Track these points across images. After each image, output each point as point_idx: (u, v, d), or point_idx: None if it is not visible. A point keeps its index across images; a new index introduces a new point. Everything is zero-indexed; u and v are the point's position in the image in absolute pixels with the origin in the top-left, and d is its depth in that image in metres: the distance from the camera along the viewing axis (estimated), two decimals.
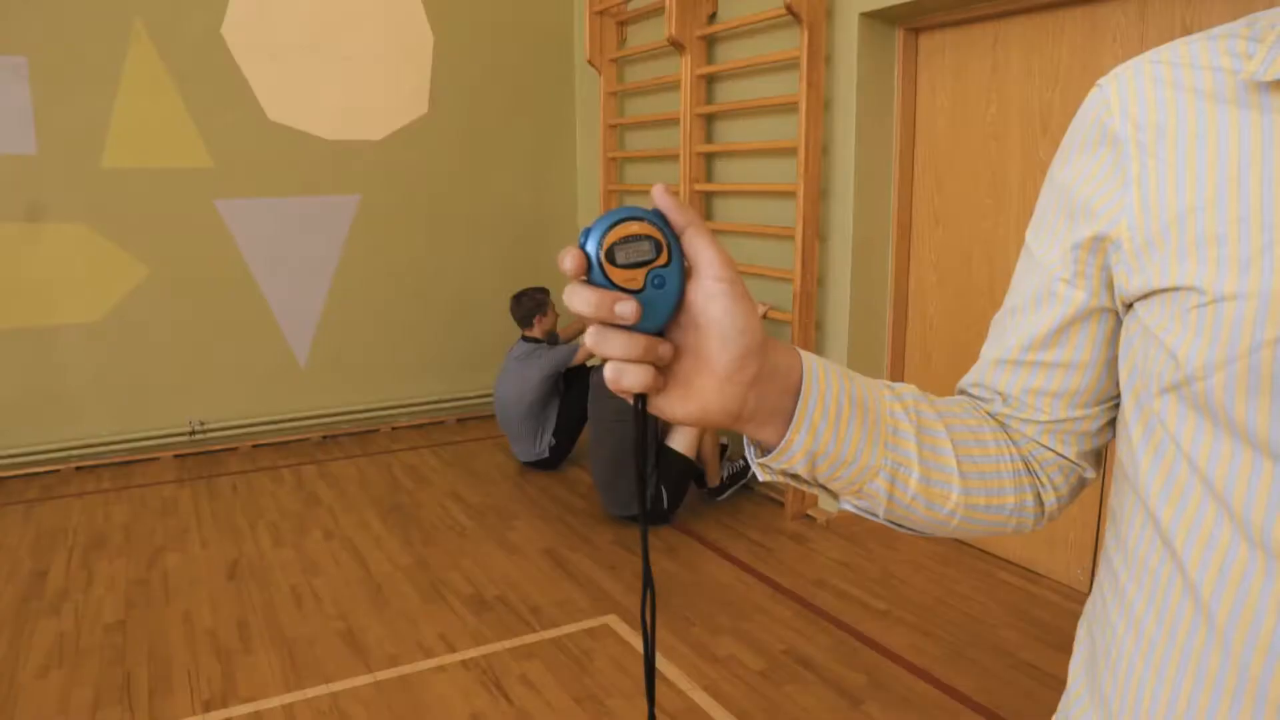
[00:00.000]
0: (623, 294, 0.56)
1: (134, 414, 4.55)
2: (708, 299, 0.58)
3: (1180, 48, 0.66)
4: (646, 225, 0.57)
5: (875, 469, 0.67)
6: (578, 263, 0.56)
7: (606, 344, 0.57)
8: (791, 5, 3.42)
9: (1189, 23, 2.73)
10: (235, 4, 4.50)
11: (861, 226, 3.60)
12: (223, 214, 4.61)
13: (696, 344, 0.59)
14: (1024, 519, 0.75)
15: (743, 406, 0.61)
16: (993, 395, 0.77)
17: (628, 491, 3.69)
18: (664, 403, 0.60)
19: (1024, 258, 0.76)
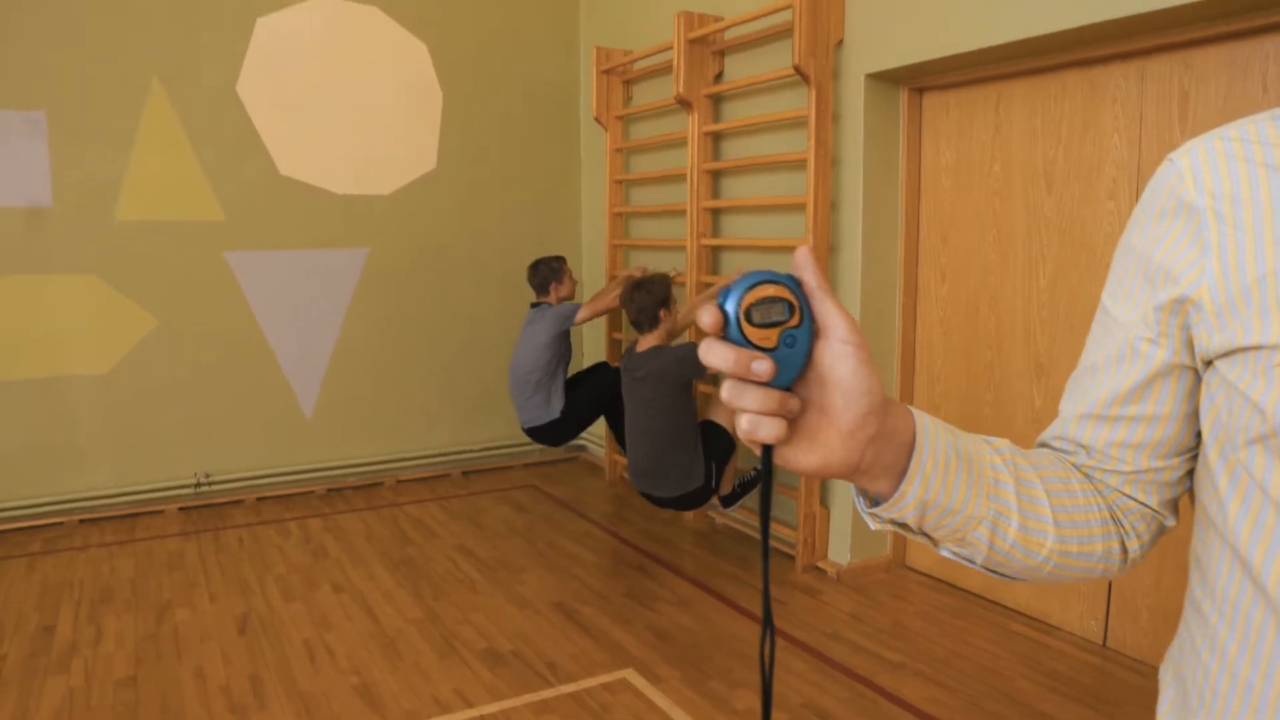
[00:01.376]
0: (759, 352, 0.60)
1: (139, 466, 4.54)
2: (836, 359, 0.62)
3: (1249, 126, 0.71)
4: (781, 288, 0.61)
5: (979, 518, 0.72)
6: (717, 320, 0.60)
7: (743, 398, 0.60)
8: (800, 67, 3.52)
9: (1186, 86, 2.83)
10: (250, 62, 4.59)
11: (869, 281, 3.66)
12: (232, 266, 4.65)
13: (822, 400, 0.63)
14: (1110, 564, 0.79)
15: (861, 459, 0.65)
16: (1076, 448, 0.81)
17: (671, 474, 3.63)
18: (790, 453, 0.64)
19: (1101, 319, 0.80)
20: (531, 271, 4.50)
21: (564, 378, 4.42)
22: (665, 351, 3.64)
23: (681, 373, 3.57)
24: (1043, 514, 0.75)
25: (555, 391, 4.38)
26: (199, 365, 4.62)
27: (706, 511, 4.43)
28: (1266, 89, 2.65)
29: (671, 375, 3.57)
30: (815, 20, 3.52)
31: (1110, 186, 3.04)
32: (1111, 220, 3.04)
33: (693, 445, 3.64)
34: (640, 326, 3.72)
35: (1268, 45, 2.63)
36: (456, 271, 5.22)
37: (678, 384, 3.58)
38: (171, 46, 4.41)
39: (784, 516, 4.03)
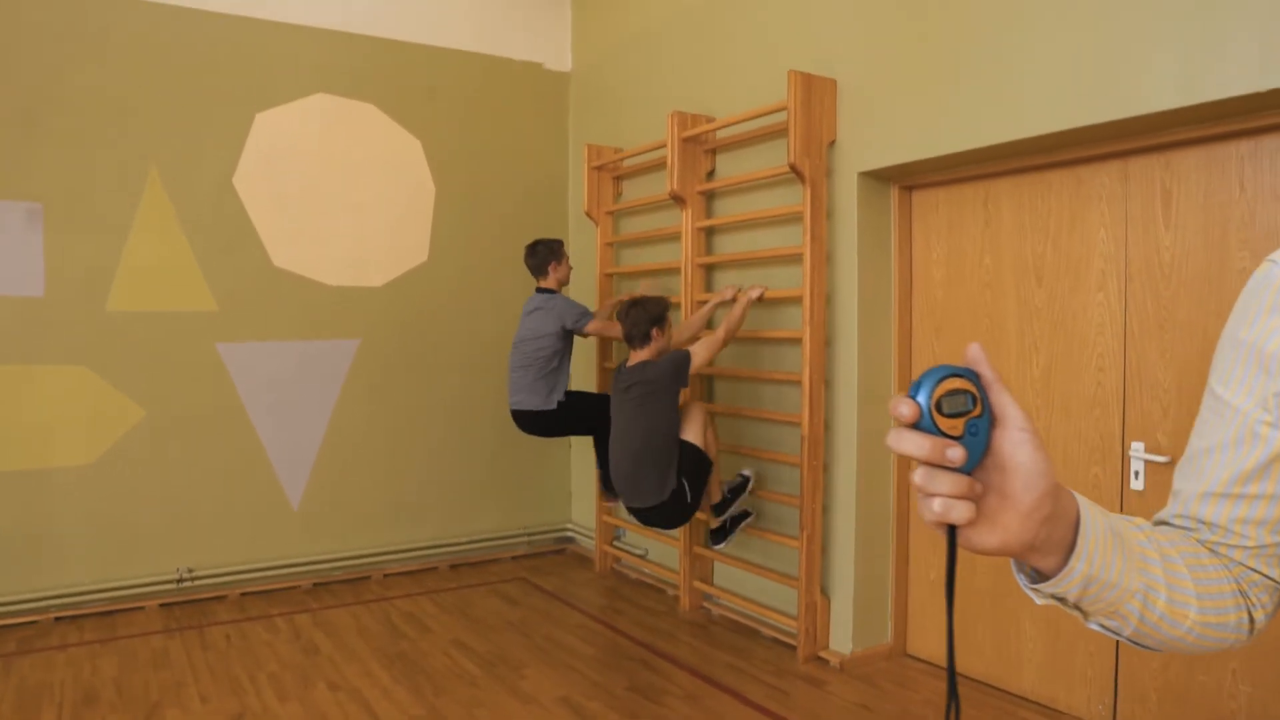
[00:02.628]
0: (950, 440, 0.66)
1: (120, 561, 4.42)
2: (1015, 446, 0.68)
3: None
4: (964, 381, 0.68)
5: (1132, 591, 0.77)
6: (915, 412, 0.66)
7: (936, 483, 0.66)
8: (796, 165, 3.66)
9: (1168, 185, 2.99)
10: (248, 155, 4.66)
11: (865, 372, 3.75)
12: (223, 357, 4.63)
13: (1001, 484, 0.69)
14: (1240, 635, 0.84)
15: (1036, 538, 0.71)
16: (1199, 525, 0.87)
17: (648, 483, 3.73)
18: (972, 534, 0.70)
19: (1214, 406, 0.87)
20: (530, 252, 4.49)
21: (567, 373, 4.45)
22: (652, 364, 3.80)
23: (666, 384, 3.74)
24: (1186, 587, 0.80)
25: (560, 384, 4.40)
26: (185, 457, 4.55)
27: (702, 605, 4.40)
28: (1243, 187, 2.81)
29: (657, 386, 3.74)
30: (809, 122, 3.68)
31: (1099, 279, 3.17)
32: (1101, 311, 3.16)
33: (669, 456, 3.76)
34: (633, 342, 3.86)
35: (1242, 147, 2.81)
36: (446, 363, 5.24)
37: (662, 394, 3.74)
38: (171, 138, 4.48)
39: (784, 606, 4.02)
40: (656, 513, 3.81)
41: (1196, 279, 2.91)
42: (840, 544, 3.79)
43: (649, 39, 4.92)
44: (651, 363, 3.81)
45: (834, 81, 3.75)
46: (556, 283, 4.50)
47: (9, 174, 4.16)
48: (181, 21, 4.48)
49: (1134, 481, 3.06)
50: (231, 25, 4.60)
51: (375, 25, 5.00)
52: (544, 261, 4.48)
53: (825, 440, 3.82)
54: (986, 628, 3.54)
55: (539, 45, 5.55)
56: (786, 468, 4.00)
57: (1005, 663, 3.48)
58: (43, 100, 4.21)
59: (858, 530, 3.74)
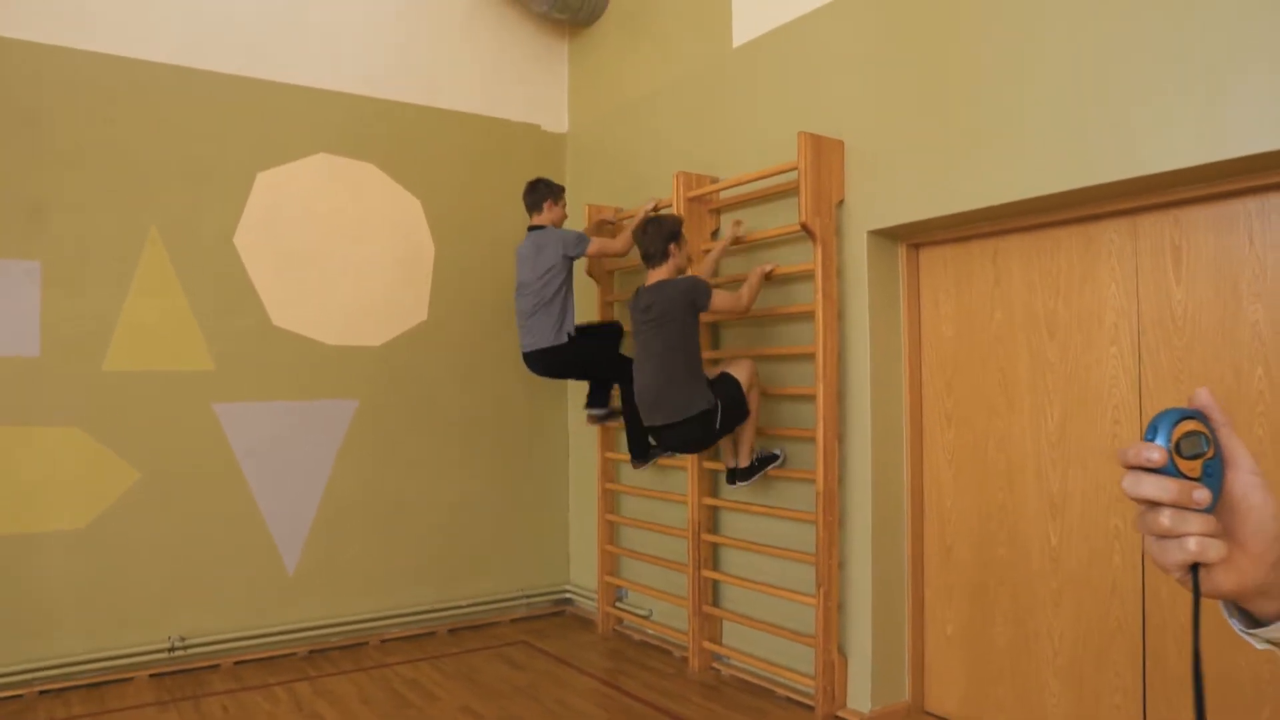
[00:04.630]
0: (1195, 482, 0.67)
1: (110, 630, 4.26)
2: (1248, 489, 0.69)
3: None
4: (1197, 423, 0.68)
5: None
6: (1163, 456, 0.67)
7: (1186, 524, 0.67)
8: (807, 224, 3.72)
9: (1176, 240, 3.07)
10: (249, 214, 4.64)
11: (878, 426, 3.76)
12: (220, 417, 4.54)
13: (1232, 526, 0.70)
14: None
15: (1267, 581, 0.71)
16: None
17: (676, 398, 3.75)
18: (1211, 574, 0.70)
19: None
20: (530, 189, 4.53)
21: (572, 306, 4.44)
22: (669, 283, 3.83)
23: (687, 300, 3.77)
24: None
25: (568, 318, 4.40)
26: (180, 520, 4.43)
27: (711, 665, 4.33)
28: (1252, 242, 2.90)
29: (677, 304, 3.76)
30: (819, 182, 3.75)
31: (1112, 333, 3.23)
32: (1116, 364, 3.22)
33: (694, 372, 3.78)
34: (651, 260, 3.91)
35: (1250, 205, 2.90)
36: (444, 423, 5.19)
37: (683, 311, 3.77)
38: (172, 196, 4.45)
39: (798, 665, 3.97)
40: (680, 430, 3.79)
41: (1210, 332, 2.98)
42: (857, 600, 3.77)
43: (646, 101, 5.00)
44: (669, 281, 3.85)
45: (841, 142, 3.83)
46: (550, 221, 4.53)
47: (7, 232, 4.09)
48: (184, 81, 4.49)
49: None
50: (233, 85, 4.62)
51: (375, 86, 5.04)
52: (542, 199, 4.52)
53: (840, 495, 3.82)
54: (1008, 683, 3.52)
55: (536, 107, 5.62)
56: (798, 524, 3.98)
57: (1028, 717, 3.46)
58: (43, 158, 4.17)
59: (874, 586, 3.72)
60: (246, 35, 4.66)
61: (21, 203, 4.12)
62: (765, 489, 4.21)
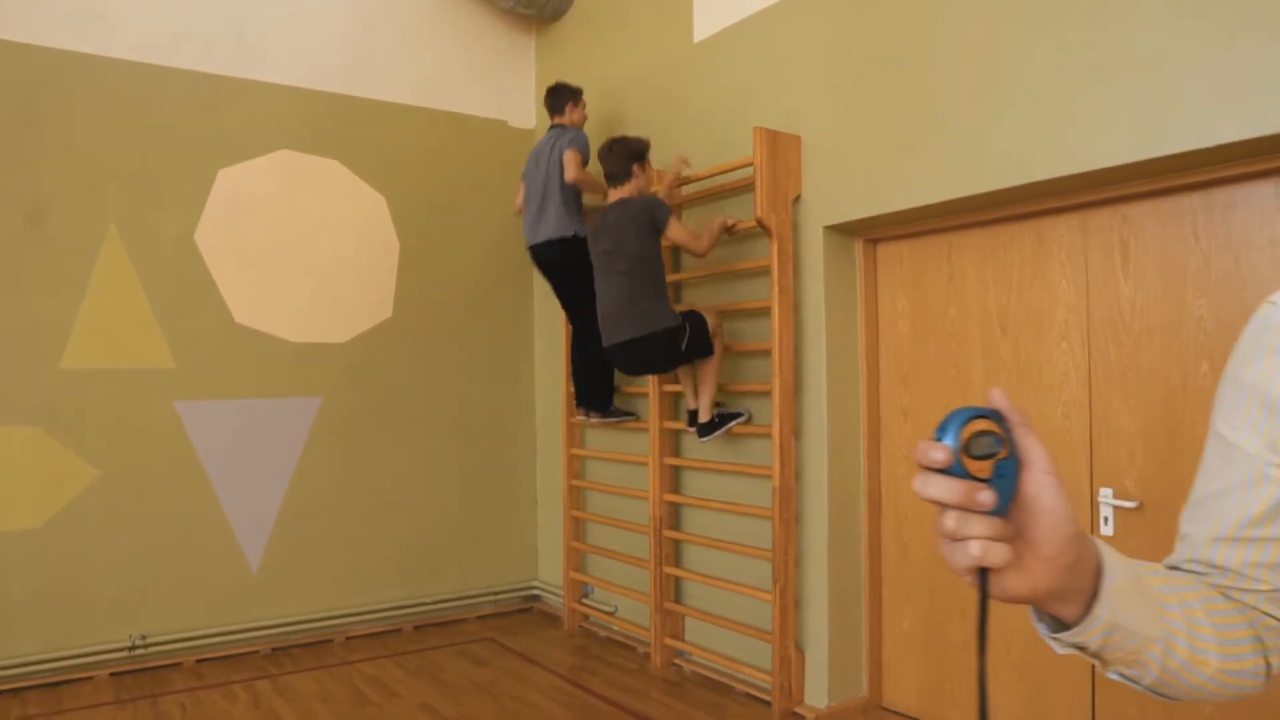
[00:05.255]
0: (980, 483, 0.64)
1: (68, 629, 4.24)
2: (1041, 489, 0.67)
3: None
4: (990, 422, 0.66)
5: (1153, 639, 0.75)
6: (948, 456, 0.64)
7: (969, 526, 0.64)
8: (763, 220, 3.71)
9: (1125, 236, 3.07)
10: (209, 212, 4.61)
11: (835, 423, 3.76)
12: (181, 415, 4.52)
13: (1026, 528, 0.67)
14: (1256, 681, 0.82)
15: (1061, 585, 0.69)
16: (1210, 569, 0.86)
17: (639, 309, 3.78)
18: (1002, 579, 0.68)
19: (1220, 449, 0.86)
20: (551, 93, 4.62)
21: None
22: (631, 200, 3.88)
23: (648, 216, 3.81)
24: (1206, 634, 0.78)
25: (579, 210, 4.50)
26: (141, 518, 4.41)
27: (674, 662, 4.34)
28: (1197, 238, 2.90)
29: (639, 220, 3.80)
30: (775, 177, 3.74)
31: (1062, 329, 3.23)
32: (1066, 360, 3.22)
33: (659, 289, 3.82)
34: (614, 180, 3.97)
35: (1195, 200, 2.90)
36: (410, 420, 5.17)
37: (645, 227, 3.80)
38: (130, 194, 4.41)
39: (757, 661, 3.97)
40: (644, 346, 3.80)
41: (1157, 327, 2.98)
42: (813, 597, 3.77)
43: (611, 96, 4.99)
44: (630, 199, 3.89)
45: (798, 137, 3.82)
46: (570, 122, 4.62)
47: None
48: (143, 78, 4.46)
49: (1103, 527, 3.09)
50: (193, 81, 4.59)
51: (339, 82, 5.01)
52: (563, 101, 4.62)
53: (797, 491, 3.82)
54: (962, 680, 3.53)
55: (503, 103, 5.60)
56: (757, 521, 3.98)
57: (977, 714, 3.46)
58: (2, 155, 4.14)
59: (830, 582, 3.72)
60: (206, 30, 4.63)
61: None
62: (727, 484, 4.20)
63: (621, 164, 3.94)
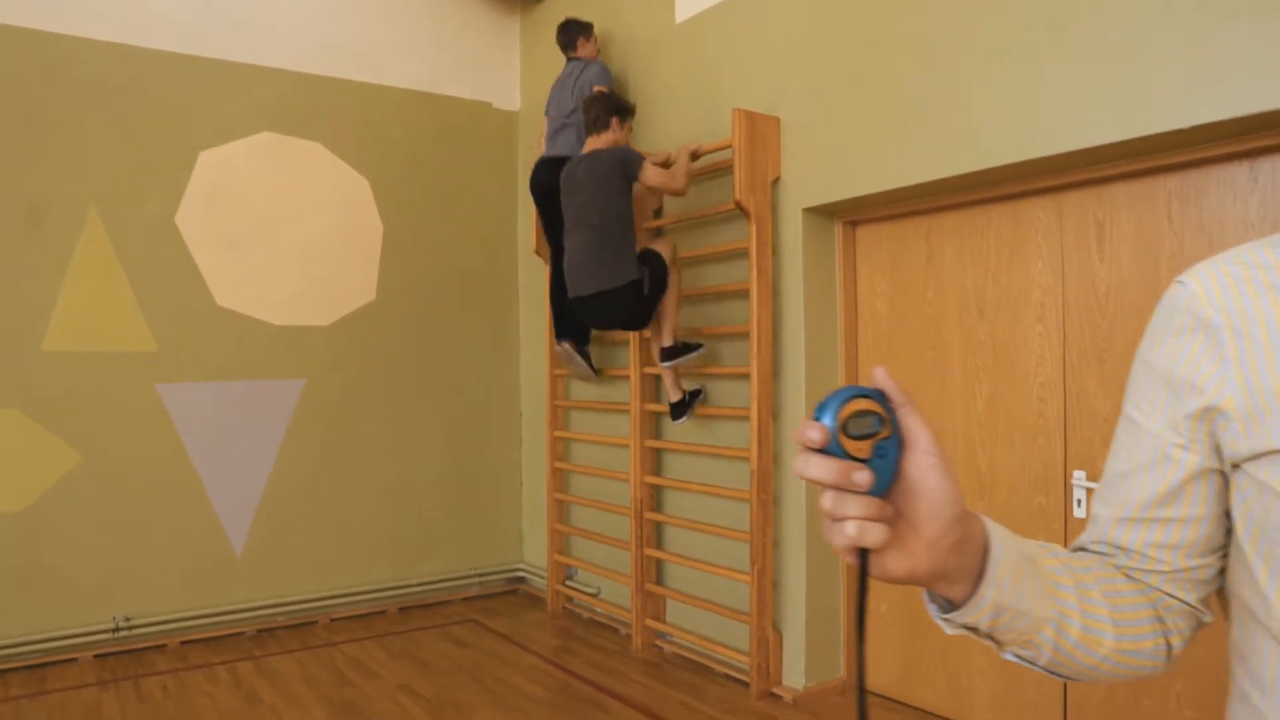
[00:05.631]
0: (857, 463, 0.63)
1: (52, 612, 4.26)
2: (924, 470, 0.66)
3: (1250, 252, 0.80)
4: (872, 401, 0.65)
5: (1045, 619, 0.75)
6: (824, 436, 0.63)
7: (845, 506, 0.64)
8: (741, 202, 3.70)
9: (1100, 217, 3.06)
10: (191, 194, 4.60)
11: (813, 404, 3.76)
12: (164, 398, 4.52)
13: (908, 510, 0.67)
14: (1157, 662, 0.82)
15: (945, 566, 0.69)
16: (1115, 550, 0.86)
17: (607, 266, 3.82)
18: (882, 559, 0.67)
19: (1127, 429, 0.86)
20: (562, 30, 4.63)
21: None
22: (604, 151, 3.92)
23: (619, 167, 3.84)
24: (1101, 614, 0.78)
25: None
26: (123, 502, 4.42)
27: (655, 643, 4.35)
28: (1171, 219, 2.89)
29: (612, 170, 3.83)
30: (754, 159, 3.72)
31: (1039, 310, 3.23)
32: (1041, 342, 3.22)
33: (628, 241, 3.86)
34: (593, 127, 4.02)
35: (1170, 182, 2.89)
36: (394, 403, 5.17)
37: (617, 179, 3.83)
38: (111, 177, 4.40)
39: (736, 643, 3.98)
40: (611, 300, 3.84)
41: (1131, 309, 2.98)
42: (791, 578, 3.78)
43: None
44: (601, 151, 3.92)
45: (778, 119, 3.80)
46: (585, 55, 4.63)
47: None
48: (125, 60, 4.43)
49: (1077, 510, 3.09)
50: (176, 63, 4.56)
51: (322, 64, 4.99)
52: (574, 37, 4.63)
53: (774, 474, 3.82)
54: (936, 659, 3.54)
55: (488, 84, 5.57)
56: (735, 503, 3.99)
57: (957, 694, 3.48)
58: None
59: (808, 564, 3.73)
60: (189, 12, 4.60)
61: None
62: (707, 466, 4.21)
63: (603, 113, 3.99)
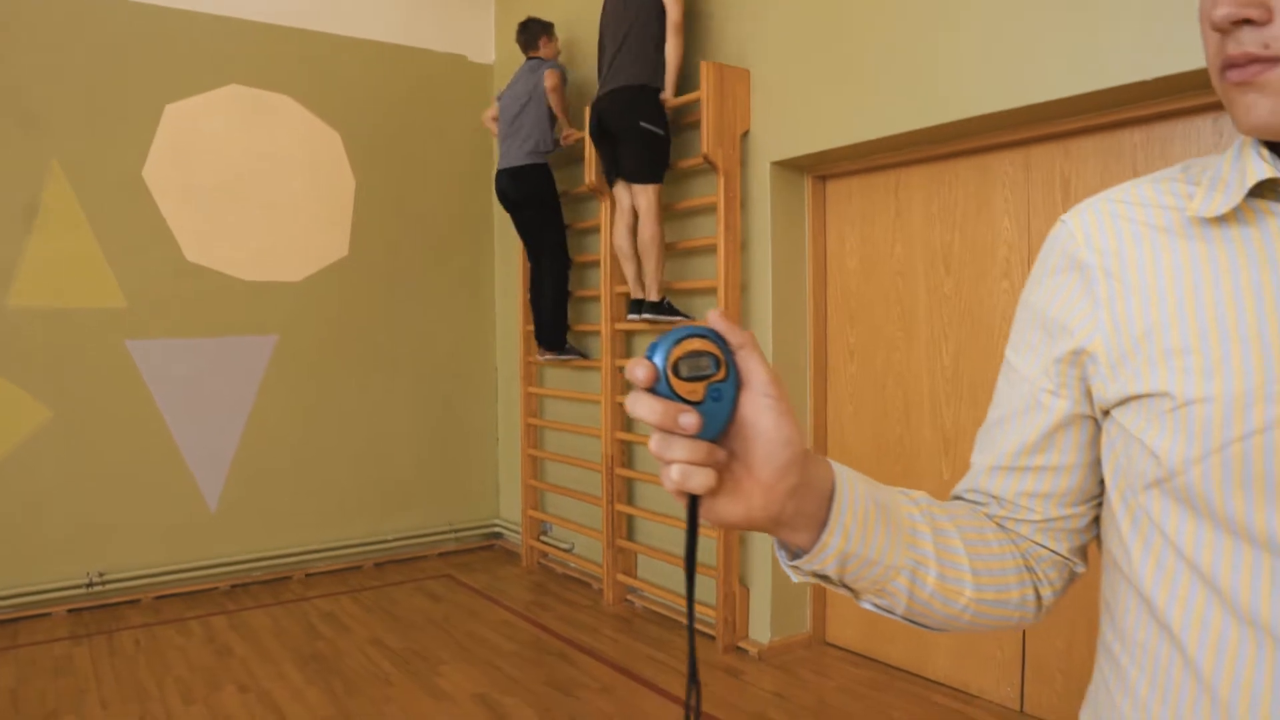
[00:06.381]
0: (686, 405, 0.61)
1: (25, 567, 4.27)
2: (759, 412, 0.63)
3: (1131, 190, 0.77)
4: (707, 342, 0.62)
5: (898, 568, 0.72)
6: (650, 374, 0.60)
7: (671, 449, 0.61)
8: (709, 156, 3.65)
9: (1066, 172, 3.03)
10: (158, 147, 4.53)
11: (780, 361, 3.75)
12: (134, 354, 4.50)
13: (744, 453, 0.64)
14: (1025, 613, 0.80)
15: (783, 511, 0.66)
16: (988, 499, 0.83)
17: (629, 64, 3.81)
18: (715, 505, 0.64)
19: (1005, 373, 0.83)
20: (522, 29, 4.58)
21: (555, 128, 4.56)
22: None
23: None
24: (960, 563, 0.76)
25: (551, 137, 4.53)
26: (96, 457, 4.41)
27: (626, 598, 4.39)
28: (1136, 172, 2.86)
29: None
30: (722, 112, 3.67)
31: (1004, 266, 3.21)
32: (1007, 299, 3.20)
33: (658, 45, 3.82)
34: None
35: (1136, 135, 2.86)
36: (369, 359, 5.15)
37: None
38: (74, 130, 4.34)
39: (703, 596, 4.01)
40: (627, 96, 3.81)
41: None
42: (757, 535, 3.80)
43: (567, 28, 4.87)
44: None
45: (747, 71, 3.74)
46: (547, 55, 4.58)
47: None
48: (86, 9, 4.34)
49: None
50: (139, 13, 4.47)
51: (291, 15, 4.90)
52: (535, 36, 4.57)
53: None
54: None
55: (462, 37, 5.48)
56: None
57: (919, 649, 3.52)
58: None
59: None
60: None
61: None
62: None
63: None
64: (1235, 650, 0.64)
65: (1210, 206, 0.70)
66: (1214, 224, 0.70)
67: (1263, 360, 0.64)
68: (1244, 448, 0.63)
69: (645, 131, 3.77)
